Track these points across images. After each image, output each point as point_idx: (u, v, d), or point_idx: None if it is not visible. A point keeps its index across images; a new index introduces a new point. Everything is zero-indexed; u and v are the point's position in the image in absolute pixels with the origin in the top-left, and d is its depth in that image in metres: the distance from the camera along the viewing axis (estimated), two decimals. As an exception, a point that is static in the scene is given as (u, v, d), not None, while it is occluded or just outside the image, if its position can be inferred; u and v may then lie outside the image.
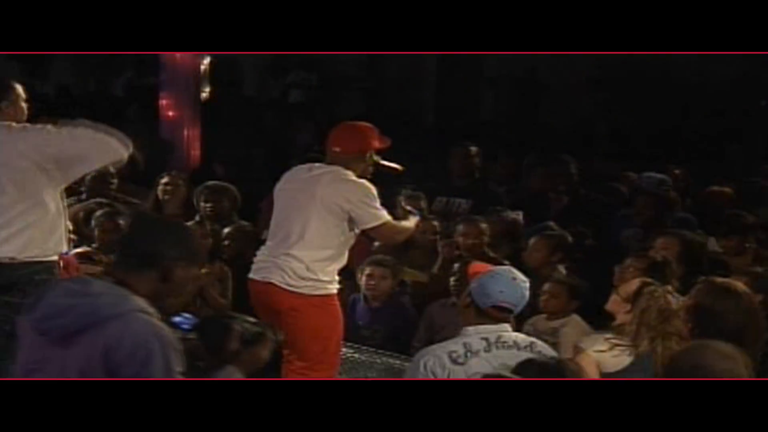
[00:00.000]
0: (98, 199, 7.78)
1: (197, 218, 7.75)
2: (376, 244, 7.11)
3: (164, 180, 8.17)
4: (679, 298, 5.05)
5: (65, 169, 5.38)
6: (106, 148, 5.39)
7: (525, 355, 4.48)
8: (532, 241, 7.10)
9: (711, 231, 7.45)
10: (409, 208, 6.31)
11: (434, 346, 4.64)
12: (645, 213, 7.91)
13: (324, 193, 5.79)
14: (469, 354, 4.48)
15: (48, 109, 10.45)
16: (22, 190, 5.29)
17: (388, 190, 6.13)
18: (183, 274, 3.60)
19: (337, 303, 5.92)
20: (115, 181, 8.09)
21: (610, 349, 4.79)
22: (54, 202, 5.38)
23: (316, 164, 6.00)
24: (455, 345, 4.54)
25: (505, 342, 4.53)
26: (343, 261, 5.91)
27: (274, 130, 12.44)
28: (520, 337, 4.63)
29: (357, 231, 5.87)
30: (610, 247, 7.56)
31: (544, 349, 4.59)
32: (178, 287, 3.63)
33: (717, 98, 12.97)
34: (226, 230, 7.41)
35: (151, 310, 3.50)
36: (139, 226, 3.76)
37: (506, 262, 5.96)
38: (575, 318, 6.24)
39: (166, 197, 8.11)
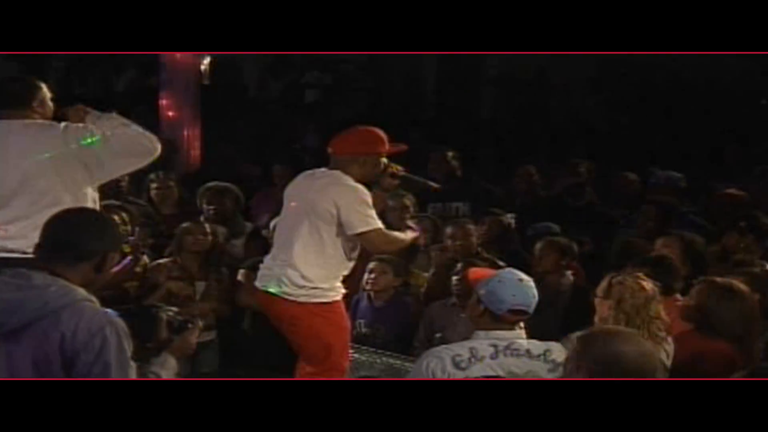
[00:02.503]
0: (110, 201, 7.67)
1: (201, 218, 7.73)
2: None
3: (155, 184, 8.13)
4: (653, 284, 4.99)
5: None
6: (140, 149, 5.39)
7: (537, 363, 4.40)
8: (539, 246, 7.06)
9: (719, 230, 7.45)
10: (410, 224, 6.22)
11: (441, 348, 4.56)
12: (648, 223, 7.86)
13: (315, 198, 5.71)
14: (473, 359, 4.40)
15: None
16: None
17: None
18: (112, 262, 3.74)
19: (340, 309, 5.82)
20: (126, 178, 7.99)
21: None
22: (92, 196, 5.40)
23: (321, 169, 5.91)
24: (461, 349, 4.46)
25: (516, 350, 4.44)
26: (345, 267, 5.80)
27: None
28: (534, 344, 4.51)
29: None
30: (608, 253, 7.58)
31: (559, 357, 4.49)
32: (107, 275, 3.74)
33: (717, 98, 12.98)
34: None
35: (95, 299, 3.59)
36: (66, 221, 3.76)
37: (502, 264, 5.95)
38: None
39: (159, 199, 8.08)
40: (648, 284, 4.87)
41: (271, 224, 7.03)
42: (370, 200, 5.68)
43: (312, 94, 14.37)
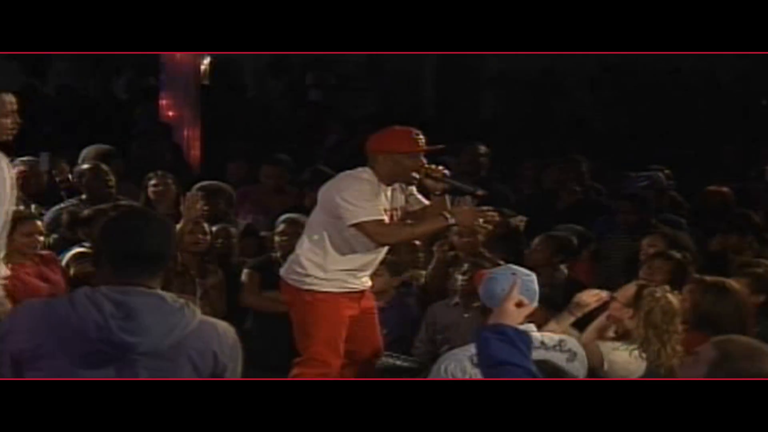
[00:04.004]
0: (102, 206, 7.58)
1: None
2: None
3: (153, 181, 8.12)
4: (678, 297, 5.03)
5: None
6: None
7: (555, 354, 4.42)
8: (535, 240, 7.08)
9: (711, 229, 7.45)
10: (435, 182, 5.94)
11: (456, 350, 4.60)
12: (629, 218, 7.82)
13: (321, 191, 5.90)
14: None
15: (48, 109, 10.44)
16: None
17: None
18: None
19: (334, 302, 5.85)
20: (113, 179, 7.98)
21: (630, 353, 4.78)
22: None
23: None
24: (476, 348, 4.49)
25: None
26: (355, 261, 5.86)
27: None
28: (547, 336, 4.56)
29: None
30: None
31: (575, 346, 4.51)
32: None
33: (717, 98, 12.98)
34: (213, 229, 7.39)
35: None
36: (142, 227, 3.47)
37: (502, 263, 5.93)
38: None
39: (157, 198, 8.07)
40: (675, 299, 4.90)
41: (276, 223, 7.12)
42: (367, 192, 5.69)
43: (315, 93, 14.33)
